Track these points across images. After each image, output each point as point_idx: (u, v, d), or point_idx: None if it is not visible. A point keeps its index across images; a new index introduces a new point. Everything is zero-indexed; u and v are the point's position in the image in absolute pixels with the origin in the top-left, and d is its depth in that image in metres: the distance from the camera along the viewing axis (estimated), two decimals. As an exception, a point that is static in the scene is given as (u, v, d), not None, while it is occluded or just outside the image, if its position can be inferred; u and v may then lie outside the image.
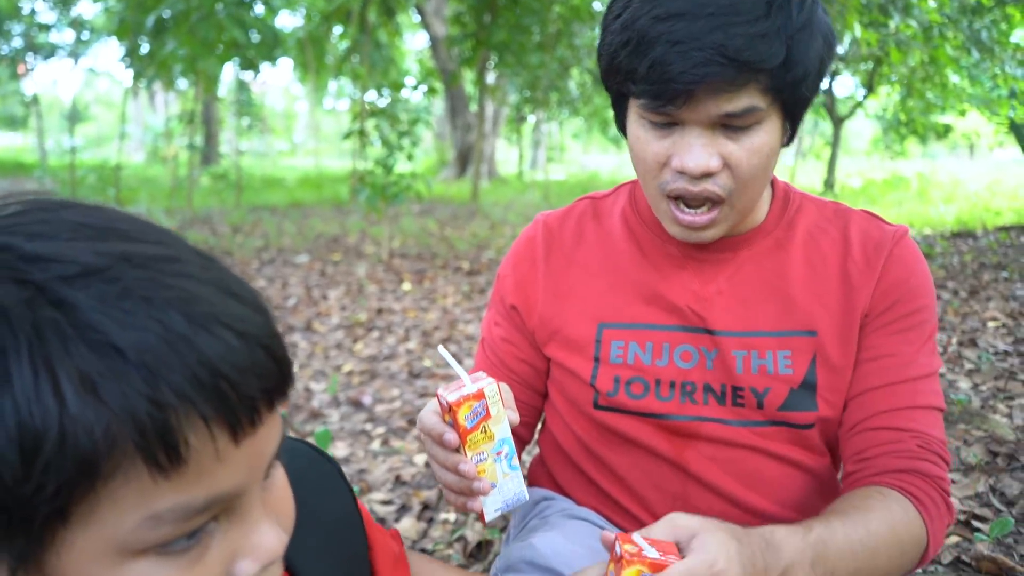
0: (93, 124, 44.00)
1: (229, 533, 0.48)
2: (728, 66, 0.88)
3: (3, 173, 20.02)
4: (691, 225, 1.00)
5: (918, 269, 1.06)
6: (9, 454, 0.39)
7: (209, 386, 0.43)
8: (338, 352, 3.97)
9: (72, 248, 0.43)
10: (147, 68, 13.38)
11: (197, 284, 0.45)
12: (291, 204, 12.28)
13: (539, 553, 1.02)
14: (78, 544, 0.43)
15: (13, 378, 0.39)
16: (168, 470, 0.42)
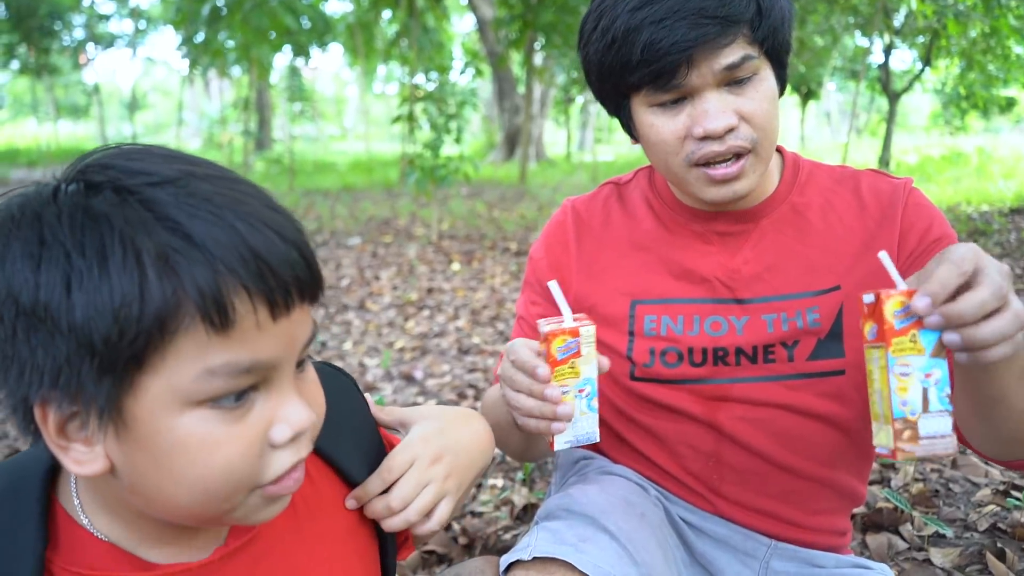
0: (151, 112, 45.11)
1: (268, 403, 0.60)
2: (713, 24, 0.96)
3: (67, 161, 20.68)
4: (725, 178, 1.04)
5: (935, 211, 1.11)
6: (105, 311, 0.52)
7: (253, 267, 0.55)
8: (390, 330, 4.10)
9: (153, 165, 0.57)
10: (202, 56, 13.71)
11: (246, 196, 0.58)
12: (343, 188, 12.51)
13: (575, 501, 1.10)
14: (151, 390, 0.55)
15: (108, 255, 0.52)
16: (220, 329, 0.55)
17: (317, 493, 0.79)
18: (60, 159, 21.00)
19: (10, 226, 0.55)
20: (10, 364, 0.55)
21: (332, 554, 0.77)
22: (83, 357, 0.53)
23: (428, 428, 0.86)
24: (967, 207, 8.45)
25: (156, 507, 0.60)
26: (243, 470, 0.58)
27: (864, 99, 29.09)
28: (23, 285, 0.53)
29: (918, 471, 2.21)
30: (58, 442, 0.57)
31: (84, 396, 0.54)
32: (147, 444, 0.56)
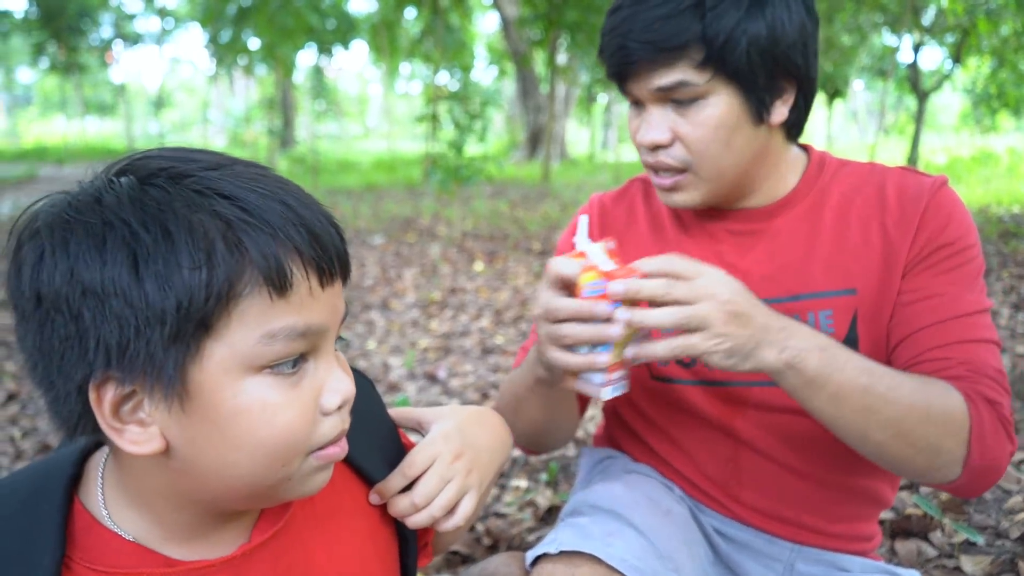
0: (177, 110, 45.61)
1: (318, 372, 0.63)
2: (640, 48, 1.00)
3: (94, 158, 20.99)
4: (660, 187, 1.10)
5: (958, 214, 1.06)
6: (175, 279, 0.55)
7: (305, 237, 0.59)
8: (414, 329, 4.11)
9: (204, 155, 0.62)
10: (228, 55, 13.82)
11: (284, 181, 0.63)
12: (366, 187, 12.56)
13: (600, 497, 1.10)
14: (216, 355, 0.57)
15: (172, 229, 0.55)
16: (280, 293, 0.58)
17: (337, 494, 0.79)
18: (88, 156, 21.28)
19: (69, 213, 0.56)
20: (72, 346, 0.56)
21: (352, 554, 0.77)
22: (153, 327, 0.55)
23: (448, 426, 0.86)
24: (997, 208, 8.33)
25: (211, 485, 0.62)
26: (301, 433, 0.61)
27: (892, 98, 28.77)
28: (89, 266, 0.54)
29: (948, 477, 2.18)
30: (112, 424, 0.58)
31: (150, 369, 0.56)
32: (210, 413, 0.58)
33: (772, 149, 1.10)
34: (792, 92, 1.06)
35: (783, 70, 1.03)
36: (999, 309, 3.97)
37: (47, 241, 0.56)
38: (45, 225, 0.57)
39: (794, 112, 1.08)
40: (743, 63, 0.99)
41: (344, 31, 16.20)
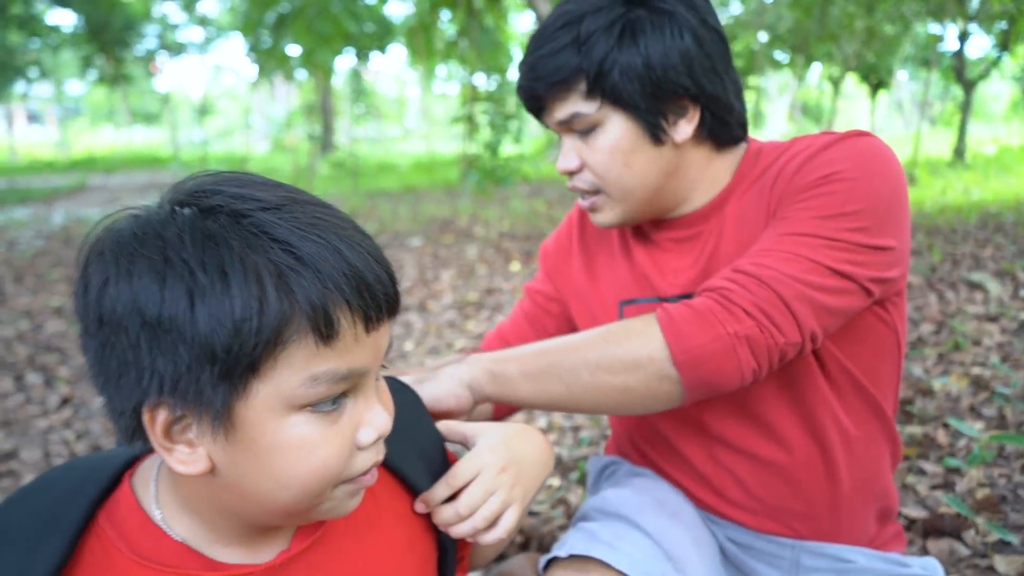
0: (220, 117, 46.43)
1: (356, 408, 0.66)
2: (534, 84, 1.10)
3: (141, 166, 21.49)
4: (584, 207, 1.19)
5: (848, 151, 1.02)
6: (227, 322, 0.58)
7: (354, 285, 0.61)
8: (451, 330, 4.16)
9: (260, 192, 0.63)
10: (268, 62, 14.03)
11: (342, 221, 0.65)
12: (404, 188, 12.68)
13: (609, 503, 1.14)
14: (261, 394, 0.61)
15: (228, 271, 0.58)
16: (326, 340, 0.61)
17: (378, 505, 0.82)
18: (134, 165, 21.80)
19: (134, 245, 0.60)
20: (129, 371, 0.60)
21: (390, 563, 0.80)
22: (204, 365, 0.58)
23: (493, 440, 0.89)
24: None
25: (250, 504, 0.66)
26: (336, 467, 0.65)
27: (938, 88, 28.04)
28: (149, 299, 0.58)
29: (985, 476, 2.16)
30: (164, 444, 0.62)
31: (199, 401, 0.60)
32: (252, 445, 0.62)
33: (690, 162, 1.14)
34: (695, 111, 1.10)
35: (669, 93, 1.07)
36: (1044, 303, 3.88)
37: (112, 268, 0.60)
38: (110, 250, 0.61)
39: (707, 127, 1.12)
40: (622, 90, 1.06)
41: (381, 35, 16.33)
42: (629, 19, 1.05)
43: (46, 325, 4.55)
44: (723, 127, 1.13)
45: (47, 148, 31.88)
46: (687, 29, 1.06)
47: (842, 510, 1.16)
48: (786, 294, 0.95)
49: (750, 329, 0.94)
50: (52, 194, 13.78)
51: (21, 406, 3.21)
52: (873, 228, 0.99)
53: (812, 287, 0.95)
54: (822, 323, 0.97)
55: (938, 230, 6.39)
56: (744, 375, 0.96)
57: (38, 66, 20.31)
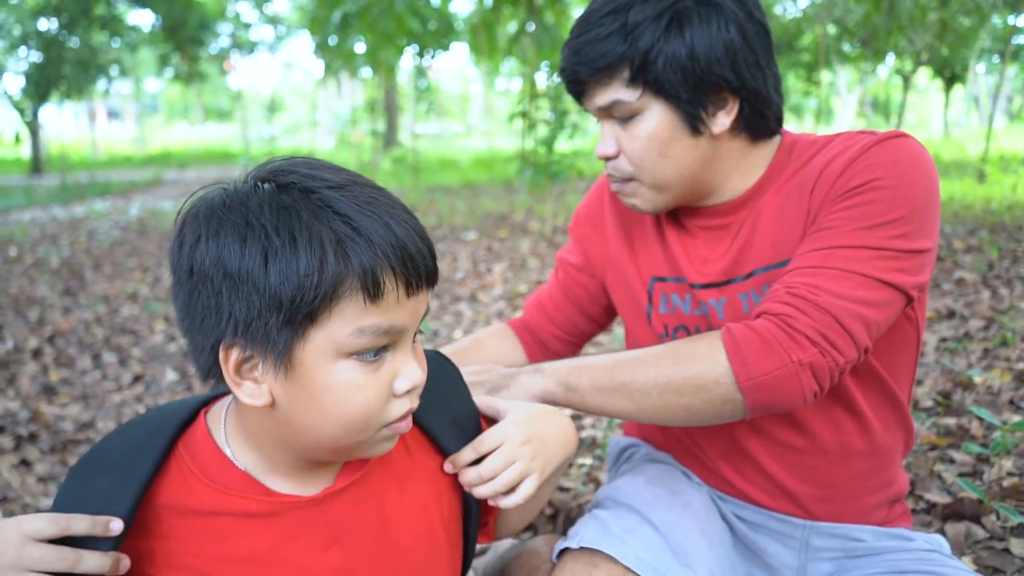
0: (288, 114, 47.51)
1: (394, 360, 0.78)
2: (580, 70, 1.11)
3: (213, 161, 22.23)
4: (617, 192, 1.22)
5: (888, 158, 1.05)
6: (294, 278, 0.70)
7: (399, 255, 0.73)
8: (499, 320, 4.28)
9: (326, 174, 0.76)
10: (335, 60, 14.37)
11: (393, 202, 0.77)
12: (464, 184, 12.86)
13: (621, 492, 1.21)
14: (316, 340, 0.73)
15: (297, 237, 0.70)
16: (372, 299, 0.73)
17: (412, 459, 0.94)
18: (206, 160, 22.54)
19: (222, 211, 0.73)
20: (211, 314, 0.73)
21: (419, 510, 0.92)
22: (272, 312, 0.71)
23: (519, 415, 0.99)
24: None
25: (303, 437, 0.79)
26: (374, 410, 0.76)
27: (1019, 82, 26.89)
28: (231, 255, 0.71)
29: (1015, 466, 2.17)
30: (234, 379, 0.76)
31: (266, 342, 0.73)
32: (307, 384, 0.74)
33: (726, 153, 1.16)
34: (734, 103, 1.12)
35: (711, 85, 1.09)
36: (1102, 301, 3.80)
37: (204, 228, 0.73)
38: (204, 214, 0.75)
39: (745, 119, 1.14)
40: (665, 80, 1.08)
41: (444, 32, 16.53)
42: (677, 9, 1.06)
43: (121, 309, 4.84)
44: (760, 120, 1.15)
45: (125, 143, 33.18)
46: (733, 22, 1.07)
47: (855, 493, 1.22)
48: (843, 317, 0.99)
49: (813, 356, 0.99)
50: (129, 187, 14.41)
51: (98, 382, 3.46)
52: (914, 232, 1.03)
53: (865, 304, 1.00)
54: (872, 335, 1.03)
55: (1003, 227, 6.24)
56: (806, 398, 1.00)
57: (118, 64, 21.17)
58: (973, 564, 1.71)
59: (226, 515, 0.81)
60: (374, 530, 0.87)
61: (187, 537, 0.81)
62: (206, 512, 0.81)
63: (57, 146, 21.08)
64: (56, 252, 7.15)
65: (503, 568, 1.37)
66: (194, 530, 0.81)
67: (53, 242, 7.87)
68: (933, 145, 17.45)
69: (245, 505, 0.81)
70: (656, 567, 1.03)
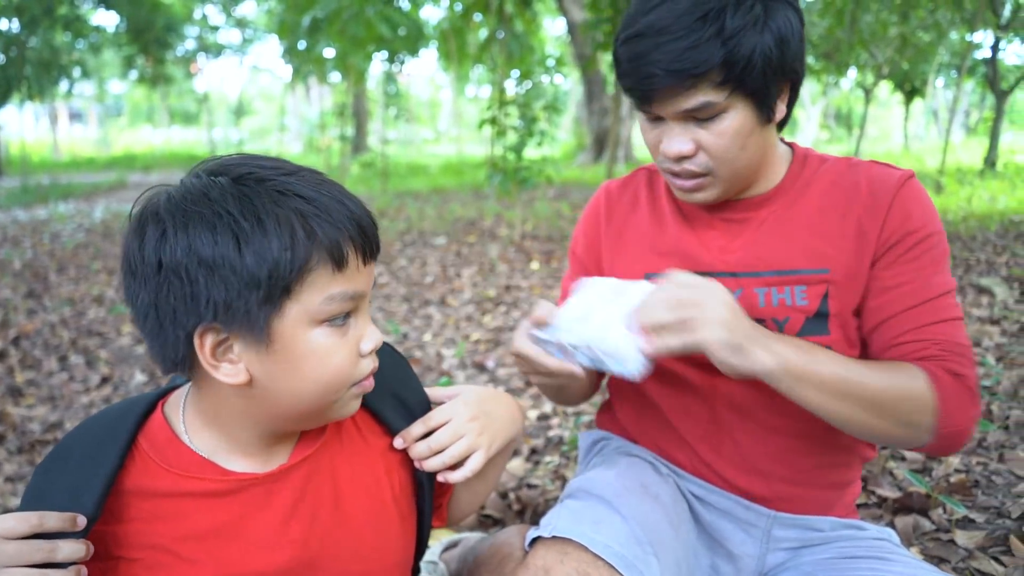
0: (256, 118, 47.09)
1: (357, 325, 0.86)
2: (667, 76, 1.08)
3: (179, 164, 21.97)
4: (682, 188, 1.22)
5: (922, 204, 1.18)
6: (269, 257, 0.76)
7: (356, 228, 0.81)
8: (468, 324, 4.33)
9: (276, 163, 0.83)
10: (304, 64, 14.31)
11: (337, 183, 0.84)
12: (433, 190, 12.89)
13: (593, 484, 1.24)
14: (292, 312, 0.79)
15: (264, 219, 0.76)
16: (338, 268, 0.80)
17: (363, 437, 1.00)
18: (172, 163, 22.27)
19: (186, 204, 0.78)
20: (186, 303, 0.78)
21: (371, 485, 0.98)
22: (251, 291, 0.76)
23: (467, 397, 1.06)
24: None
25: (279, 407, 0.84)
26: (347, 369, 0.84)
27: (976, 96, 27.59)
28: (204, 244, 0.76)
29: (963, 463, 2.27)
30: (211, 362, 0.80)
31: (246, 321, 0.78)
32: (286, 354, 0.80)
33: (771, 144, 1.23)
34: (788, 89, 1.18)
35: (787, 77, 1.15)
36: (1048, 308, 3.96)
37: (169, 224, 0.78)
38: (166, 211, 0.79)
39: (787, 107, 1.20)
40: (760, 80, 1.10)
41: (414, 38, 16.55)
42: (765, 10, 1.08)
43: (88, 312, 4.80)
44: (789, 109, 1.21)
45: (88, 145, 32.64)
46: (795, 12, 1.11)
47: (821, 483, 1.28)
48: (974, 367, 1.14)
49: (979, 409, 1.13)
50: (93, 190, 14.20)
51: (65, 383, 3.44)
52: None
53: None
54: None
55: (958, 237, 6.43)
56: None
57: (81, 66, 20.86)
58: (920, 554, 1.79)
59: (187, 496, 0.86)
60: (328, 503, 0.93)
61: (152, 518, 0.86)
62: (168, 494, 0.86)
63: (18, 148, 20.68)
64: (19, 255, 7.05)
65: (475, 559, 1.41)
66: (158, 511, 0.86)
67: (15, 244, 7.76)
68: (893, 157, 17.84)
69: (204, 485, 0.87)
70: (624, 555, 1.07)
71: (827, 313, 1.19)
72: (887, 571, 1.14)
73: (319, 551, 0.91)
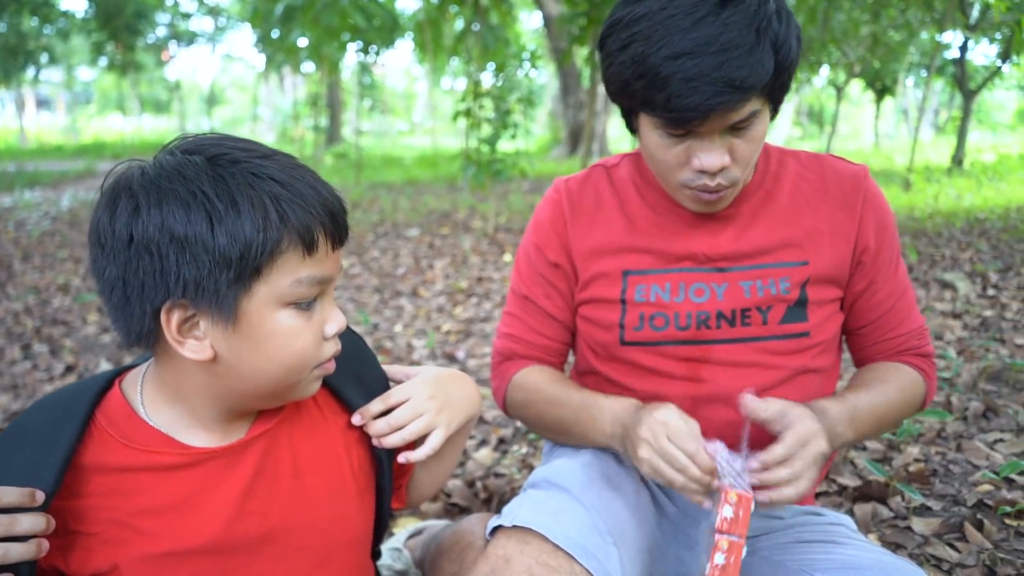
0: (228, 107, 46.57)
1: (323, 308, 0.88)
2: (735, 93, 1.05)
3: (149, 153, 21.62)
4: (710, 201, 1.20)
5: (884, 202, 1.30)
6: (241, 238, 0.77)
7: (327, 213, 0.83)
8: (439, 315, 4.33)
9: (250, 146, 0.83)
10: (277, 53, 14.16)
11: (309, 169, 0.85)
12: (407, 181, 12.84)
13: (556, 474, 1.24)
14: (260, 293, 0.81)
15: (238, 200, 0.77)
16: (309, 251, 0.81)
17: (322, 414, 1.01)
18: (143, 152, 21.95)
19: (161, 181, 0.78)
20: (155, 279, 0.78)
21: (330, 460, 0.99)
22: (222, 270, 0.77)
23: (427, 376, 1.07)
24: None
25: (242, 385, 0.85)
26: (310, 351, 0.86)
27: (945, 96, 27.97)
28: (176, 222, 0.77)
29: (922, 452, 2.32)
30: (177, 338, 0.81)
31: (214, 299, 0.79)
32: (252, 334, 0.82)
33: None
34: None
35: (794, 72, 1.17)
36: (1009, 303, 4.04)
37: (143, 200, 0.78)
38: (140, 186, 0.79)
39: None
40: (788, 81, 1.13)
41: (389, 29, 16.46)
42: (786, 11, 1.11)
43: (53, 300, 4.73)
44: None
45: (55, 133, 32.09)
46: (790, 10, 1.13)
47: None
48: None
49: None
50: (61, 178, 13.97)
51: (28, 372, 3.39)
52: None
53: None
54: None
55: (924, 233, 6.54)
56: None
57: (48, 52, 20.48)
58: (878, 541, 1.83)
59: (146, 470, 0.86)
60: (287, 476, 0.94)
61: (111, 493, 0.86)
62: (127, 468, 0.86)
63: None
64: (-18, 242, 6.92)
65: (437, 546, 1.42)
66: (116, 486, 0.86)
67: (-21, 232, 7.62)
68: (864, 155, 18.07)
69: (163, 459, 0.87)
70: (584, 545, 1.08)
71: (807, 301, 1.25)
72: (840, 554, 1.16)
73: (277, 523, 0.92)
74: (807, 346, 1.26)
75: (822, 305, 1.26)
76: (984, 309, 3.94)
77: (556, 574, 1.02)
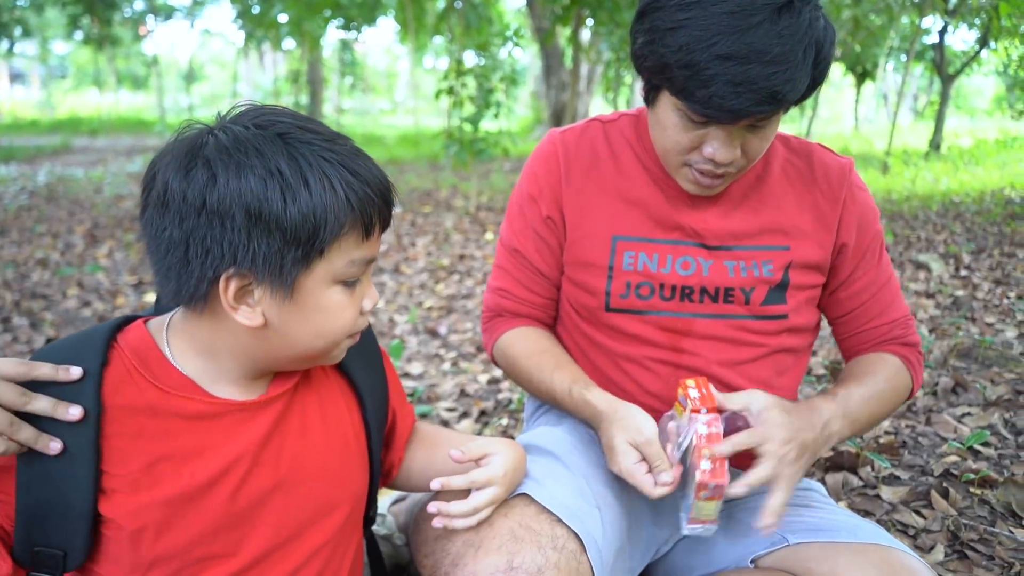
0: (207, 83, 45.94)
1: (362, 286, 0.93)
2: (774, 104, 1.06)
3: (128, 130, 21.41)
4: (706, 186, 1.23)
5: (869, 196, 1.33)
6: (311, 218, 0.81)
7: (382, 203, 0.88)
8: (421, 291, 4.35)
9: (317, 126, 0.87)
10: (257, 29, 14.01)
11: (370, 159, 0.89)
12: (389, 160, 12.78)
13: (540, 438, 1.28)
14: (319, 271, 0.85)
15: (310, 182, 0.81)
16: (367, 235, 0.87)
17: (331, 389, 1.05)
18: (120, 128, 21.68)
19: (239, 154, 0.80)
20: (220, 247, 0.80)
21: (336, 419, 1.03)
22: (291, 248, 0.81)
23: (508, 465, 1.07)
24: (1011, 191, 8.37)
25: (285, 350, 0.90)
26: (351, 324, 0.92)
27: (924, 81, 28.14)
28: (253, 195, 0.79)
29: (892, 425, 2.38)
30: (232, 304, 0.84)
31: (277, 274, 0.82)
32: (303, 307, 0.87)
33: None
34: None
35: None
36: (981, 283, 4.12)
37: (220, 169, 0.80)
38: (217, 156, 0.80)
39: None
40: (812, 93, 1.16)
41: (371, 7, 16.33)
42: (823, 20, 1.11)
43: (31, 275, 4.70)
44: None
45: (30, 108, 31.56)
46: (833, 25, 1.14)
47: None
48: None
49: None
50: (36, 153, 13.78)
51: (8, 345, 3.38)
52: None
53: None
54: None
55: (901, 215, 6.63)
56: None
57: (22, 24, 20.08)
58: (848, 507, 1.89)
59: (175, 416, 0.89)
60: (300, 433, 0.98)
61: (137, 435, 0.88)
62: (156, 411, 0.88)
63: (-45, 108, 19.88)
64: (-43, 217, 6.84)
65: (420, 511, 1.44)
66: (145, 429, 0.88)
67: (-46, 206, 7.52)
68: (844, 139, 18.21)
69: (192, 406, 0.90)
70: (568, 506, 1.11)
71: (787, 285, 1.29)
72: (811, 516, 1.21)
73: (287, 474, 0.96)
74: (785, 328, 1.30)
75: (803, 289, 1.30)
76: (956, 289, 4.02)
77: (538, 536, 1.05)
